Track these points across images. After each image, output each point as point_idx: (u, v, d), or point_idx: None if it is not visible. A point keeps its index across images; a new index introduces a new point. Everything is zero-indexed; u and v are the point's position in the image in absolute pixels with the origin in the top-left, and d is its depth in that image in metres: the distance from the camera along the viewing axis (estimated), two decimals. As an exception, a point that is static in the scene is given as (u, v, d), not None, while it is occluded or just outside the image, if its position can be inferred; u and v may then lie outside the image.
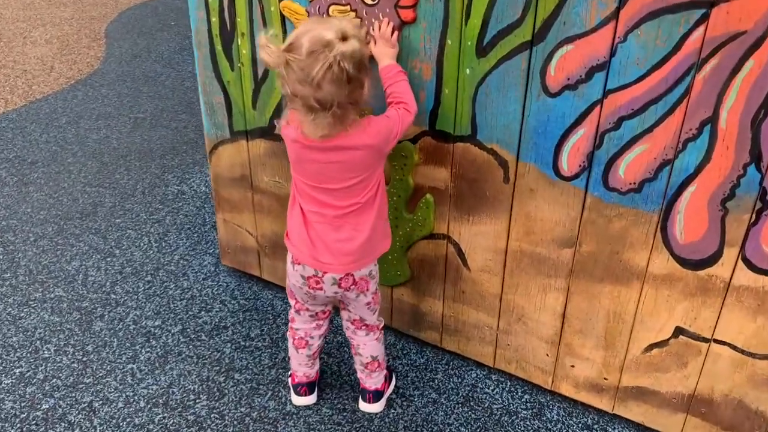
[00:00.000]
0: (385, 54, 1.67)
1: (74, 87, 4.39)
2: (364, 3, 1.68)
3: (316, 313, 1.84)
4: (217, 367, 2.07)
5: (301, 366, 1.92)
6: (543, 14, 1.47)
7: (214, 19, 2.00)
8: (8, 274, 2.49)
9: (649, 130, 1.47)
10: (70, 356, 2.10)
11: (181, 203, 2.99)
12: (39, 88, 4.35)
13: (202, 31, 2.05)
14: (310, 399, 1.95)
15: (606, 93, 1.48)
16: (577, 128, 1.56)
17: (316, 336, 1.88)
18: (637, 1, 1.36)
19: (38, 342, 2.16)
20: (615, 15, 1.40)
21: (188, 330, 2.22)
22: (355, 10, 1.71)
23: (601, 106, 1.50)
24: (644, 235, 1.59)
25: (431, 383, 2.03)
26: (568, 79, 1.51)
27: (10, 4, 6.48)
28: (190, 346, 2.15)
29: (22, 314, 2.28)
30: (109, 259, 2.60)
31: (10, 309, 2.31)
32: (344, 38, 1.44)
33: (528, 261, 1.80)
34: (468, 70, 1.63)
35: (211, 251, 2.64)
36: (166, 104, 3.99)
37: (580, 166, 1.60)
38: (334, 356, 2.13)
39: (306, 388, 1.94)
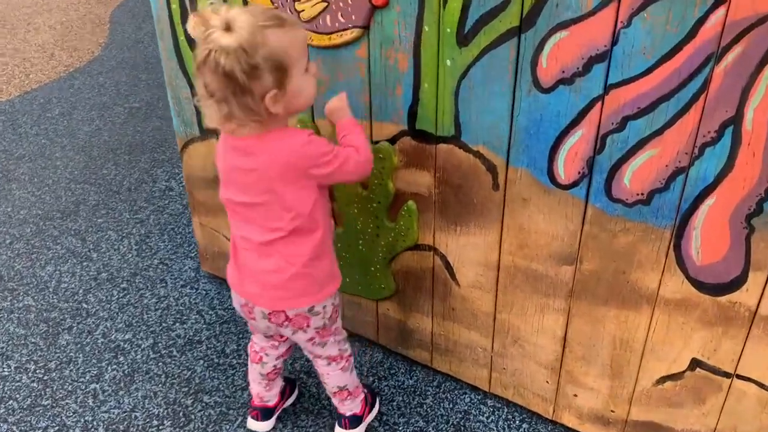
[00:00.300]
0: (338, 110, 1.52)
1: (72, 75, 4.23)
2: (331, -15, 1.46)
3: (271, 335, 1.65)
4: (186, 388, 1.90)
5: (255, 383, 1.72)
6: (532, -5, 1.24)
7: (175, 6, 1.80)
8: (-22, 281, 2.35)
9: (659, 132, 1.23)
10: (30, 374, 1.95)
11: (167, 201, 2.82)
12: (36, 77, 4.21)
13: (163, 19, 1.85)
14: (263, 426, 1.75)
15: (607, 88, 1.25)
16: (574, 129, 1.32)
17: (272, 355, 1.67)
18: (643, -23, 1.12)
19: (-1, 358, 2.02)
20: (617, -6, 1.16)
21: (159, 344, 2.05)
22: (321, -6, 1.49)
23: (602, 104, 1.27)
24: (655, 253, 1.36)
25: (419, 409, 1.83)
26: (563, 71, 1.28)
27: (19, -11, 6.36)
28: (160, 363, 1.98)
29: (-13, 326, 2.14)
30: (85, 263, 2.44)
31: (-26, 320, 2.17)
32: (227, 28, 1.19)
33: (523, 277, 1.58)
34: (448, 62, 1.40)
35: (193, 254, 2.47)
36: (163, 93, 3.80)
37: (578, 172, 1.37)
38: (314, 376, 1.94)
39: (258, 412, 1.74)
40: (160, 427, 1.78)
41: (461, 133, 1.47)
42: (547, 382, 1.69)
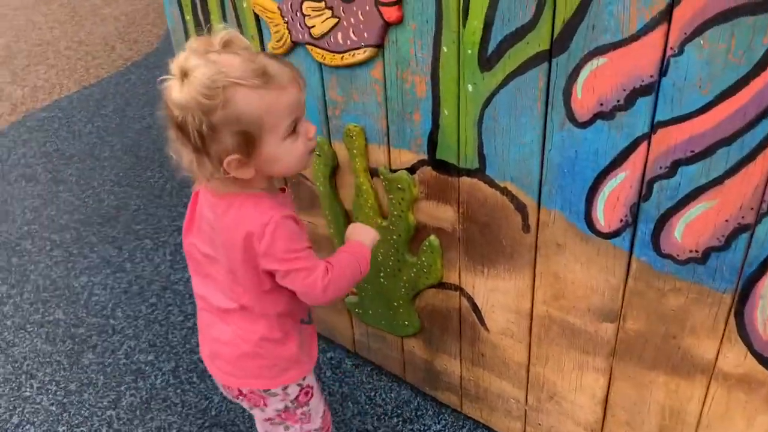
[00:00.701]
0: (360, 232, 1.33)
1: (129, 69, 4.24)
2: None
3: None
4: (201, 420, 1.81)
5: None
6: (564, 14, 1.03)
7: (189, 17, 1.68)
8: (15, 290, 2.34)
9: (718, 181, 1.01)
10: (51, 396, 1.91)
11: (206, 207, 2.74)
12: (95, 72, 4.25)
13: (178, 31, 1.73)
14: None
15: (654, 126, 1.03)
16: (615, 171, 1.11)
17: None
18: (699, -6, 0.90)
19: (23, 376, 1.98)
20: (666, 16, 0.94)
21: (180, 369, 1.97)
22: (331, 8, 1.32)
23: (649, 144, 1.05)
24: (711, 320, 1.13)
25: (445, 459, 1.67)
26: (601, 104, 1.07)
27: (91, -21, 6.48)
28: (178, 391, 1.90)
29: (17, 341, 2.12)
30: (118, 274, 2.39)
31: (6, 334, 2.15)
32: (184, 74, 0.98)
33: (559, 330, 1.38)
34: (470, 87, 1.21)
35: (225, 268, 2.38)
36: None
37: (621, 220, 1.15)
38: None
39: None
40: (170, 464, 1.70)
41: (486, 166, 1.28)
42: (587, 444, 1.49)
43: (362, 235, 1.32)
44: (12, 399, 1.91)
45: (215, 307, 1.23)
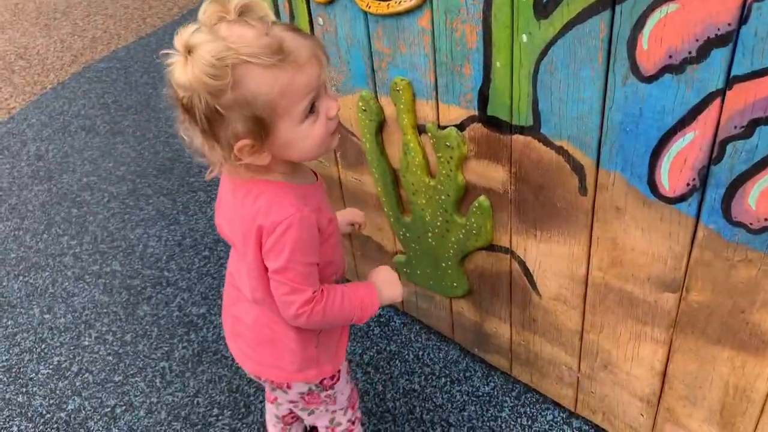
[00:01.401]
0: (384, 283, 1.21)
1: (185, 17, 4.22)
2: (385, -59, 1.20)
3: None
4: (251, 375, 1.83)
5: (270, 426, 1.52)
6: (630, -46, 0.92)
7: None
8: (75, 242, 2.40)
9: (803, 144, 0.90)
10: (108, 346, 1.96)
11: (258, 160, 2.73)
12: (152, 21, 4.25)
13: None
14: None
15: (730, 81, 0.92)
16: (684, 130, 1.01)
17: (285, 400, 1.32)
18: (791, -72, 0.77)
19: (82, 326, 2.04)
20: (750, -46, 0.82)
21: (231, 322, 1.99)
22: (376, -48, 1.23)
23: (722, 101, 0.94)
24: (786, 295, 1.04)
25: (493, 423, 1.63)
26: (670, 56, 0.96)
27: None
28: (229, 344, 1.92)
29: (76, 291, 2.18)
30: (172, 227, 2.42)
31: (66, 284, 2.21)
32: (188, 51, 0.87)
33: (615, 298, 1.30)
34: (524, 37, 1.11)
35: (276, 222, 2.37)
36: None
37: (688, 184, 1.05)
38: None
39: None
40: (220, 417, 1.72)
41: (541, 124, 1.19)
42: (642, 415, 1.42)
43: (385, 286, 1.19)
44: (72, 348, 1.97)
45: (238, 286, 1.17)
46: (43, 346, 1.99)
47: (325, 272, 1.13)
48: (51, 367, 1.92)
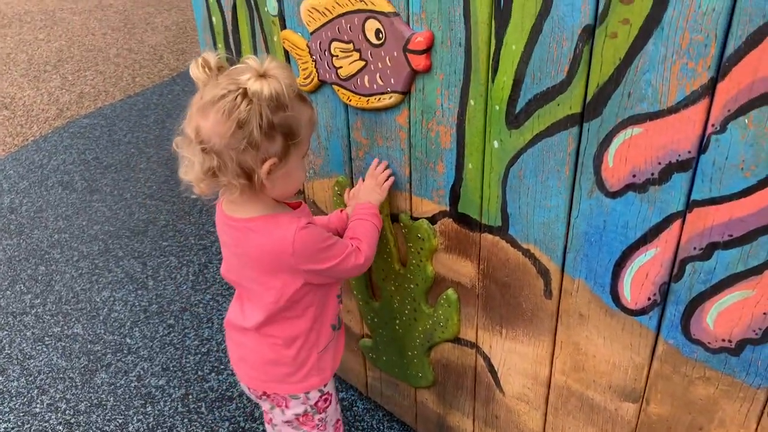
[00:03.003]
0: (367, 195, 1.38)
1: (173, 80, 4.29)
2: (369, 42, 1.25)
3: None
4: (205, 455, 1.77)
5: None
6: (598, 78, 0.96)
7: (220, 46, 1.66)
8: (38, 300, 2.36)
9: (757, 271, 0.92)
10: (59, 415, 1.90)
11: (234, 227, 2.73)
12: (141, 81, 4.31)
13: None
14: None
15: (690, 205, 0.95)
16: (645, 246, 1.03)
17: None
18: (746, 70, 0.82)
19: (35, 391, 1.98)
20: (709, 90, 0.86)
21: (190, 396, 1.94)
22: (359, 50, 1.28)
23: (683, 222, 0.97)
24: (742, 416, 1.04)
25: None
26: (634, 175, 0.99)
27: (147, -12, 6.62)
28: (185, 420, 1.86)
29: (33, 353, 2.12)
30: (140, 291, 2.38)
31: (24, 345, 2.16)
32: (262, 75, 1.07)
33: (577, 403, 1.29)
34: (496, 143, 1.15)
35: (246, 293, 2.35)
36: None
37: (649, 299, 1.07)
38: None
39: None
40: (169, 499, 1.66)
41: (509, 225, 1.22)
42: None
43: (370, 195, 1.37)
44: (22, 414, 1.90)
45: (239, 326, 1.31)
46: (-9, 410, 1.92)
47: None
48: (-3, 434, 1.85)
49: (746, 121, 0.85)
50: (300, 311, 1.26)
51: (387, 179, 1.37)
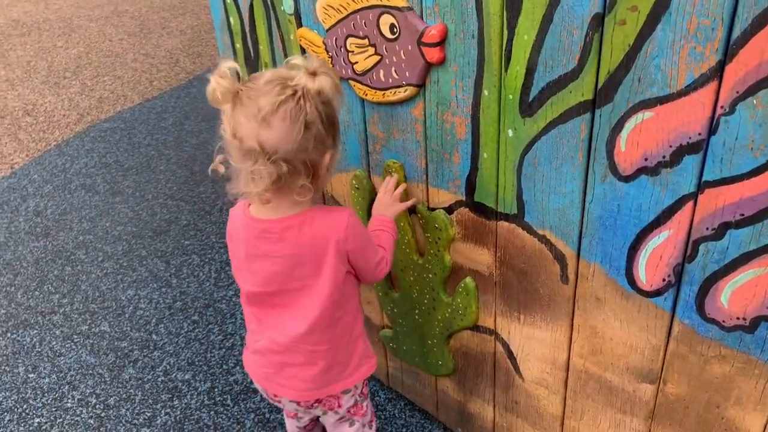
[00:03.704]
0: (383, 209, 1.41)
1: (191, 83, 4.35)
2: (384, 37, 1.28)
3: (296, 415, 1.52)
4: (232, 445, 1.82)
5: None
6: (608, 65, 0.99)
7: (239, 46, 1.70)
8: (66, 300, 2.42)
9: (769, 249, 0.94)
10: (90, 409, 1.95)
11: (253, 225, 2.77)
12: (158, 84, 4.38)
13: (228, 58, 1.75)
14: None
15: (701, 186, 0.97)
16: (659, 228, 1.06)
17: (306, 415, 1.50)
18: (753, 52, 0.84)
19: (66, 387, 2.04)
20: (717, 73, 0.88)
21: (216, 390, 1.98)
22: (374, 45, 1.31)
23: (695, 204, 0.99)
24: (758, 392, 1.06)
25: (473, 505, 1.62)
26: (646, 159, 1.02)
27: (162, -7, 6.70)
28: (212, 413, 1.91)
29: (63, 351, 2.18)
30: (164, 289, 2.44)
31: (54, 343, 2.22)
32: (313, 74, 1.12)
33: (595, 386, 1.32)
34: (510, 132, 1.18)
35: (267, 289, 2.39)
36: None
37: (664, 280, 1.09)
38: None
39: None
40: (198, 488, 1.70)
41: (524, 212, 1.24)
42: (622, 505, 1.42)
43: (387, 210, 1.40)
44: (54, 409, 1.96)
45: (290, 337, 1.27)
46: (24, 406, 1.98)
47: None
48: (31, 428, 1.90)
49: (755, 101, 0.87)
50: (344, 303, 1.28)
51: (397, 187, 1.43)
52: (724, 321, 1.05)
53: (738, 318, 1.03)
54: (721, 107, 0.90)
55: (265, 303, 1.29)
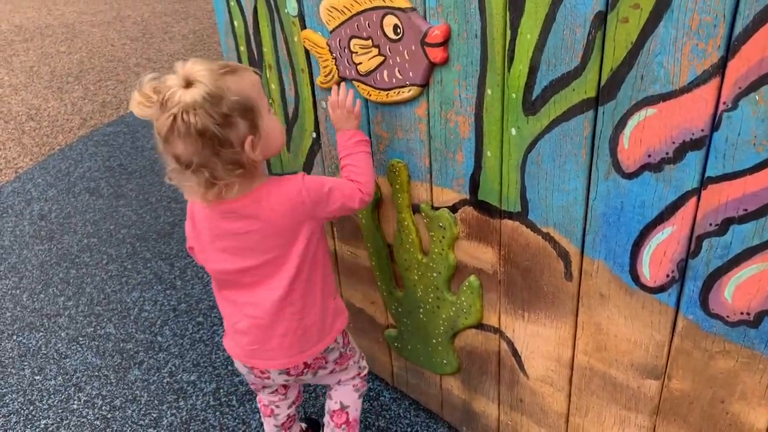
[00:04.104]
0: (343, 123, 1.38)
1: (194, 87, 4.36)
2: (387, 38, 1.29)
3: (276, 389, 1.55)
4: (238, 445, 1.82)
5: None
6: (611, 62, 1.00)
7: (242, 48, 1.71)
8: (71, 303, 2.43)
9: (773, 243, 0.95)
10: (96, 410, 1.96)
11: (257, 227, 2.78)
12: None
13: (232, 60, 1.76)
14: None
15: (704, 182, 0.98)
16: (663, 225, 1.06)
17: (282, 406, 1.58)
18: (754, 48, 0.85)
19: (72, 389, 2.04)
20: (719, 69, 0.89)
21: (221, 391, 1.99)
22: (378, 46, 1.32)
23: (698, 199, 1.00)
24: (763, 387, 1.07)
25: (479, 503, 1.62)
26: (649, 155, 1.02)
27: (164, -2, 6.73)
28: (217, 413, 1.92)
29: (69, 353, 2.19)
30: (168, 291, 2.45)
31: (59, 345, 2.23)
32: (188, 84, 1.12)
33: (600, 383, 1.32)
34: (513, 130, 1.19)
35: (271, 290, 2.40)
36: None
37: (667, 276, 1.10)
38: None
39: None
40: (205, 488, 1.71)
41: (528, 210, 1.25)
42: (628, 502, 1.42)
43: (347, 124, 1.39)
44: (60, 411, 1.97)
45: (265, 308, 1.32)
46: (31, 408, 1.98)
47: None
48: (37, 430, 1.91)
49: (757, 97, 0.88)
50: (314, 263, 1.33)
51: (356, 103, 1.38)
52: (728, 316, 1.05)
53: (742, 313, 1.03)
54: (724, 103, 0.91)
55: (236, 283, 1.34)
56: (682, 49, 0.91)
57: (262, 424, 1.86)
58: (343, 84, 1.42)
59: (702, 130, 0.95)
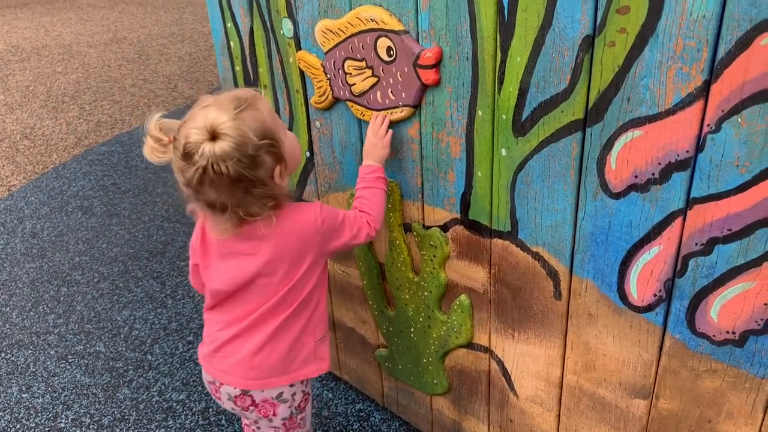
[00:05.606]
0: (371, 152, 1.40)
1: (189, 107, 4.35)
2: (381, 59, 1.32)
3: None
4: (226, 465, 1.81)
5: None
6: (599, 85, 1.02)
7: (238, 68, 1.73)
8: (61, 320, 2.42)
9: (757, 263, 0.97)
10: (84, 429, 1.94)
11: (249, 247, 2.79)
12: (156, 109, 4.42)
13: (228, 81, 1.79)
14: None
15: (690, 202, 1.00)
16: (649, 244, 1.08)
17: (264, 427, 1.46)
18: (736, 72, 0.88)
19: (60, 407, 2.03)
20: (703, 92, 0.92)
21: (210, 410, 1.98)
22: (372, 67, 1.35)
23: (684, 219, 1.02)
24: (749, 407, 1.08)
25: None
26: (636, 176, 1.05)
27: (162, 20, 6.81)
28: (206, 433, 1.91)
29: (57, 371, 2.18)
30: (159, 310, 2.44)
31: (48, 363, 2.21)
32: (213, 137, 1.11)
33: (589, 403, 1.33)
34: (504, 151, 1.21)
35: (262, 310, 2.40)
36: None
37: (654, 295, 1.12)
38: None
39: None
40: None
41: (518, 230, 1.27)
42: None
43: (374, 154, 1.39)
44: (47, 429, 1.95)
45: (247, 324, 1.30)
46: (18, 426, 1.97)
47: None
48: (24, 448, 1.89)
49: (739, 120, 0.90)
50: (305, 296, 1.31)
51: (387, 132, 1.38)
52: (714, 335, 1.07)
53: (727, 332, 1.05)
54: (708, 125, 0.93)
55: (228, 303, 1.33)
56: (667, 72, 0.94)
57: (250, 444, 1.85)
58: (381, 113, 1.40)
59: (687, 152, 0.97)
